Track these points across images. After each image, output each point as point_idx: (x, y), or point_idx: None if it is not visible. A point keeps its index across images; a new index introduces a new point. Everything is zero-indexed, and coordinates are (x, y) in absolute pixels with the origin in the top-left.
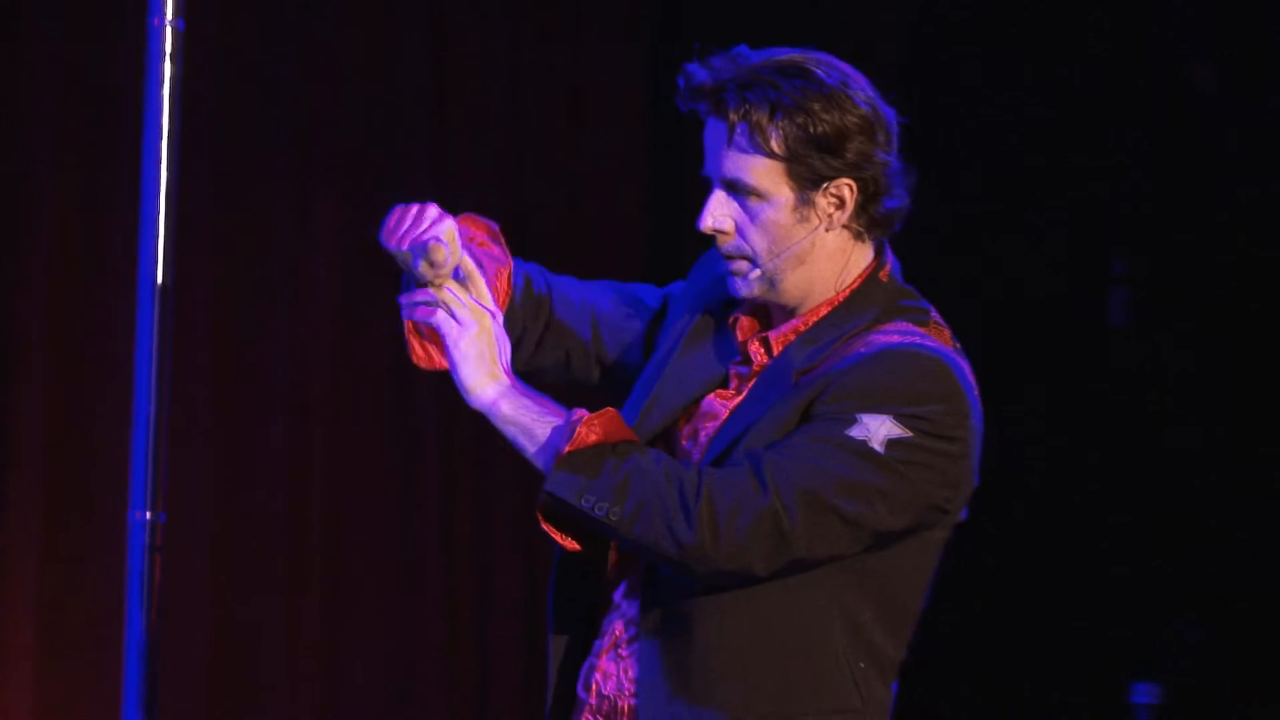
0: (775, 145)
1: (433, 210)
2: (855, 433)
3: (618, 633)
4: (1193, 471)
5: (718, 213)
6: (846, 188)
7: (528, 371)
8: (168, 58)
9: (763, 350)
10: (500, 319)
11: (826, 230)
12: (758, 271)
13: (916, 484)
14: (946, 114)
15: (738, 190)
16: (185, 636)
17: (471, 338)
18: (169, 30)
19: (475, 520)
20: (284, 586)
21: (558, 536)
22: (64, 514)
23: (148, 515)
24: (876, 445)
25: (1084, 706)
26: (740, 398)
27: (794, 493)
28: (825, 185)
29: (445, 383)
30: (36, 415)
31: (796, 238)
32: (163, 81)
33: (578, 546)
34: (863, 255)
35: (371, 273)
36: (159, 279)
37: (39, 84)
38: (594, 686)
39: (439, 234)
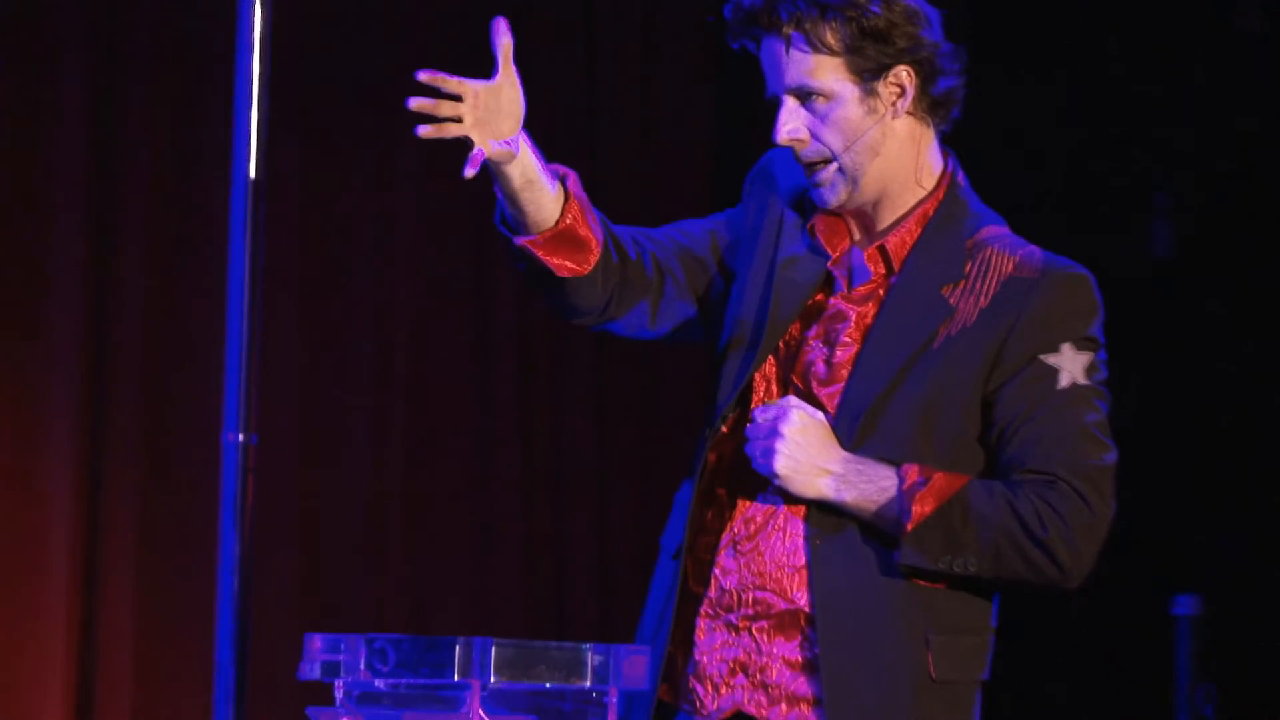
0: (832, 42)
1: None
2: (1064, 382)
3: (736, 530)
4: (1236, 390)
5: (790, 123)
6: (905, 73)
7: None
8: (258, 4)
9: (880, 259)
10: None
11: (893, 119)
12: (836, 167)
13: (1107, 395)
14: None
15: (804, 95)
16: (277, 553)
17: (790, 449)
18: None
19: (550, 436)
20: (370, 505)
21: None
22: (160, 436)
23: (240, 437)
24: (1083, 380)
25: (1126, 618)
26: (872, 306)
27: (1095, 484)
28: (885, 74)
29: (522, 314)
30: (135, 344)
31: (867, 128)
32: (253, 27)
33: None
34: (930, 142)
35: (456, 219)
36: (250, 214)
37: (131, 40)
38: (713, 580)
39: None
